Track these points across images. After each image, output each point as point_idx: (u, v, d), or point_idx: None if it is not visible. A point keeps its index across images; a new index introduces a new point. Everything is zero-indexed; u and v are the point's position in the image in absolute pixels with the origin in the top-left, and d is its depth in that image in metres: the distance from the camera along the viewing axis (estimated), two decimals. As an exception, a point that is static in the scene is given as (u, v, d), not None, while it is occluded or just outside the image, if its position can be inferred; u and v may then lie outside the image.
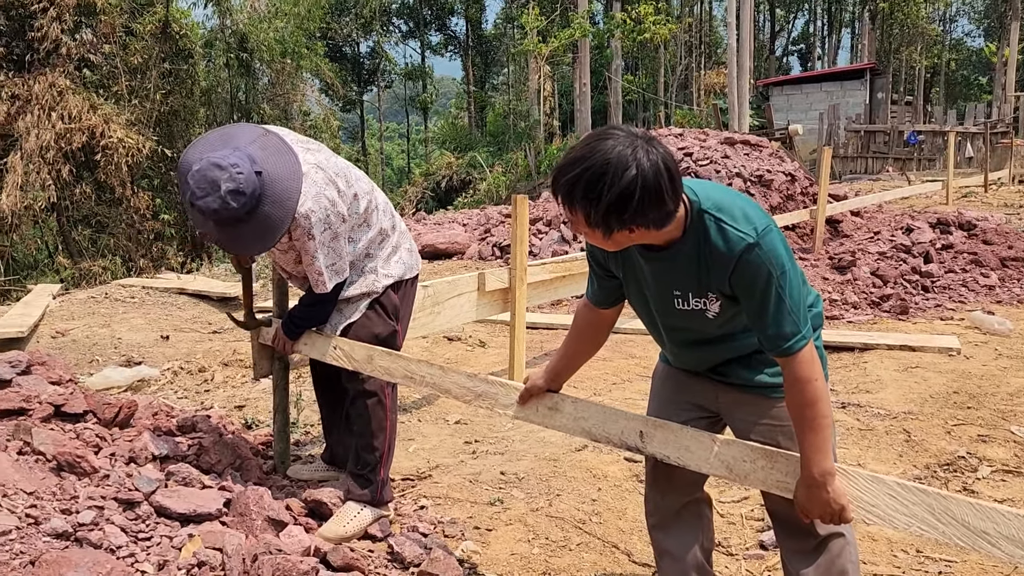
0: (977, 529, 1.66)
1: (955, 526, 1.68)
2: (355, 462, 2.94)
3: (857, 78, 25.41)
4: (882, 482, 1.78)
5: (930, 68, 45.96)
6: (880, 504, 1.77)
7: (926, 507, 1.71)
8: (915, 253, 7.31)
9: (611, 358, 5.26)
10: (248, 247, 2.65)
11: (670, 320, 1.98)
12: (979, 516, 1.66)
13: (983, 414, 4.06)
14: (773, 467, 1.88)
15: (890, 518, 1.76)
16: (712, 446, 1.97)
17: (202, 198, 2.47)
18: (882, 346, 5.22)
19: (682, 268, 1.83)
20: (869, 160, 21.14)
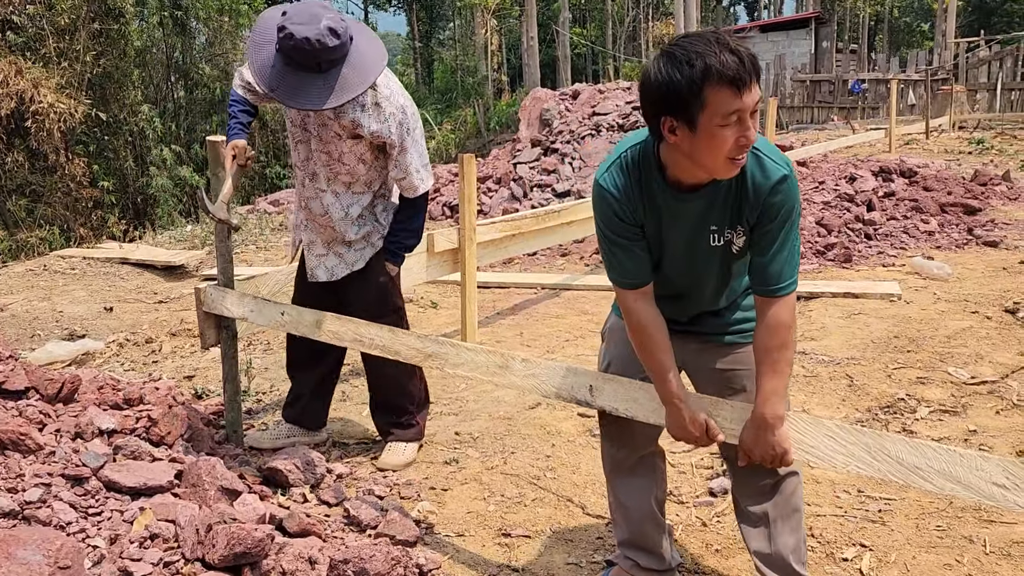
0: (911, 465, 1.73)
1: (890, 463, 1.75)
2: (395, 413, 3.17)
3: (802, 27, 25.53)
4: (821, 424, 1.85)
5: (874, 16, 46.41)
6: (820, 445, 1.84)
7: (863, 446, 1.78)
8: (858, 202, 7.45)
9: (564, 315, 5.30)
10: (311, 100, 2.60)
11: (691, 263, 1.93)
12: (912, 452, 1.73)
13: (922, 357, 4.19)
14: (718, 415, 1.92)
15: (829, 458, 1.83)
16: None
17: (298, 24, 2.52)
18: (827, 294, 5.34)
19: (721, 201, 1.82)
20: (815, 110, 21.39)
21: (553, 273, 6.47)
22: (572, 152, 8.33)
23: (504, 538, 2.63)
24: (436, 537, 2.63)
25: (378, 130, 2.81)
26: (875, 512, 2.74)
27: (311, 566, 2.19)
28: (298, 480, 2.84)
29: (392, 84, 2.85)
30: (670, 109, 1.67)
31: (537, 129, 9.16)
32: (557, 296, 5.75)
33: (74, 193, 13.49)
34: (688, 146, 1.69)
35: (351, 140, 2.86)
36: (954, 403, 3.67)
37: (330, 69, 2.60)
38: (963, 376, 3.94)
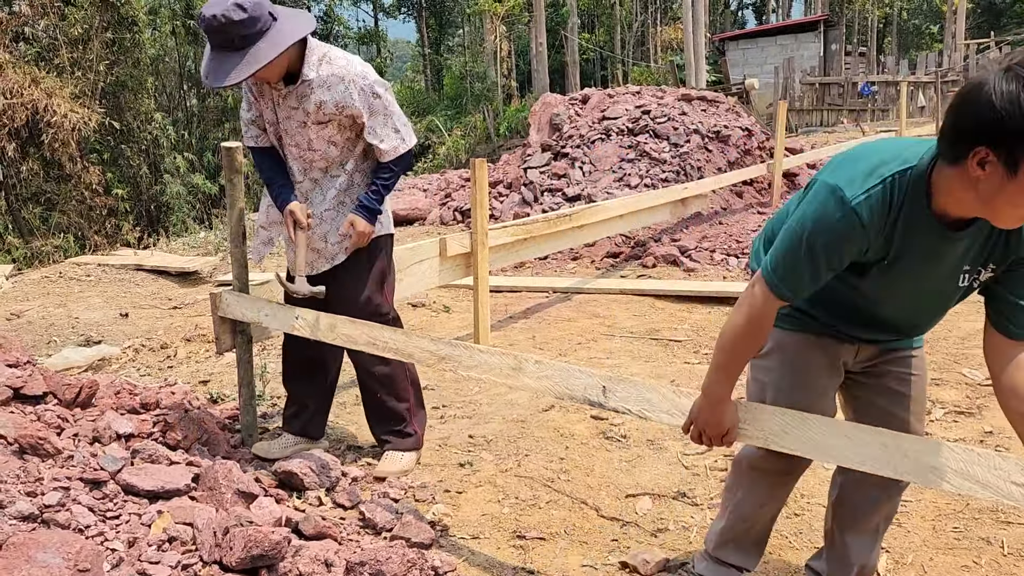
0: (927, 465, 1.71)
1: (905, 462, 1.74)
2: (391, 420, 3.15)
3: (811, 30, 25.51)
4: (837, 425, 1.84)
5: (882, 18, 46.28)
6: (836, 446, 1.83)
7: (880, 445, 1.77)
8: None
9: (576, 318, 5.30)
10: (221, 76, 2.69)
11: (926, 300, 1.76)
12: (929, 452, 1.71)
13: (936, 358, 4.18)
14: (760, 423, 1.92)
15: (846, 457, 1.82)
16: (674, 397, 2.02)
17: (209, 6, 2.64)
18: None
19: (983, 240, 1.62)
20: (824, 112, 21.33)
21: (564, 277, 6.48)
22: (582, 156, 8.34)
23: (519, 540, 2.63)
24: (451, 539, 2.63)
25: (341, 101, 2.84)
26: (891, 513, 2.73)
27: (327, 568, 2.20)
28: (313, 483, 2.85)
29: (350, 57, 2.93)
30: (993, 141, 1.39)
31: (547, 134, 9.18)
32: (568, 300, 5.76)
33: (88, 201, 13.60)
34: (993, 188, 1.43)
35: (316, 126, 2.90)
36: (969, 404, 3.65)
37: (246, 46, 2.67)
38: (978, 377, 3.92)
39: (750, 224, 7.19)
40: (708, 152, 8.41)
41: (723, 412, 1.85)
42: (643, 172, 7.96)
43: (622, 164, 8.14)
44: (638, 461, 3.18)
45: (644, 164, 8.06)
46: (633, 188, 7.62)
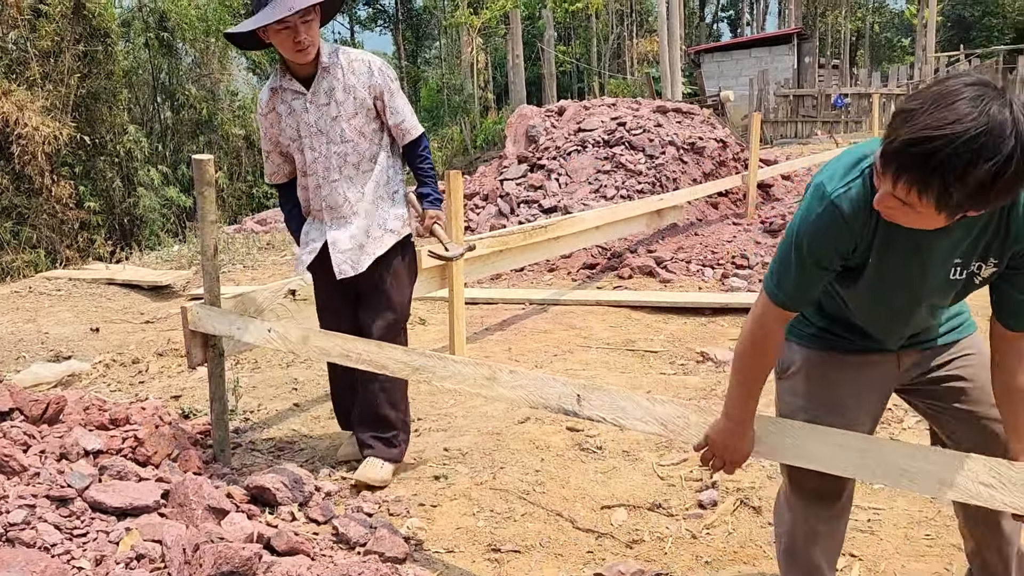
0: (901, 468, 1.73)
1: (885, 468, 1.75)
2: (381, 426, 3.16)
3: (785, 43, 25.80)
4: (815, 429, 1.84)
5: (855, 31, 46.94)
6: (814, 451, 1.83)
7: (860, 452, 1.78)
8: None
9: (552, 330, 5.30)
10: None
11: (927, 293, 1.70)
12: (908, 457, 1.72)
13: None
14: (705, 422, 1.92)
15: (821, 462, 1.83)
16: (648, 405, 2.02)
17: None
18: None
19: (974, 235, 1.59)
20: (799, 124, 21.56)
21: (540, 288, 6.49)
22: (558, 168, 8.37)
23: (494, 554, 2.62)
24: (425, 554, 2.61)
25: (368, 82, 3.01)
26: (864, 522, 2.75)
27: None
28: (286, 498, 2.82)
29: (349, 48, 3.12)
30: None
31: (523, 146, 9.21)
32: (545, 311, 5.76)
33: (60, 215, 13.44)
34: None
35: (347, 117, 2.99)
36: (940, 412, 3.68)
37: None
38: (949, 385, 3.96)
39: (725, 235, 7.24)
40: (683, 163, 8.47)
41: (744, 435, 1.80)
42: (619, 183, 7.99)
43: (598, 175, 8.18)
44: (613, 472, 3.18)
45: (620, 175, 8.10)
46: (609, 199, 7.65)
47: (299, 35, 2.80)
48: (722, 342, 4.88)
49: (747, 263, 6.42)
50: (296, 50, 2.83)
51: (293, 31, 2.79)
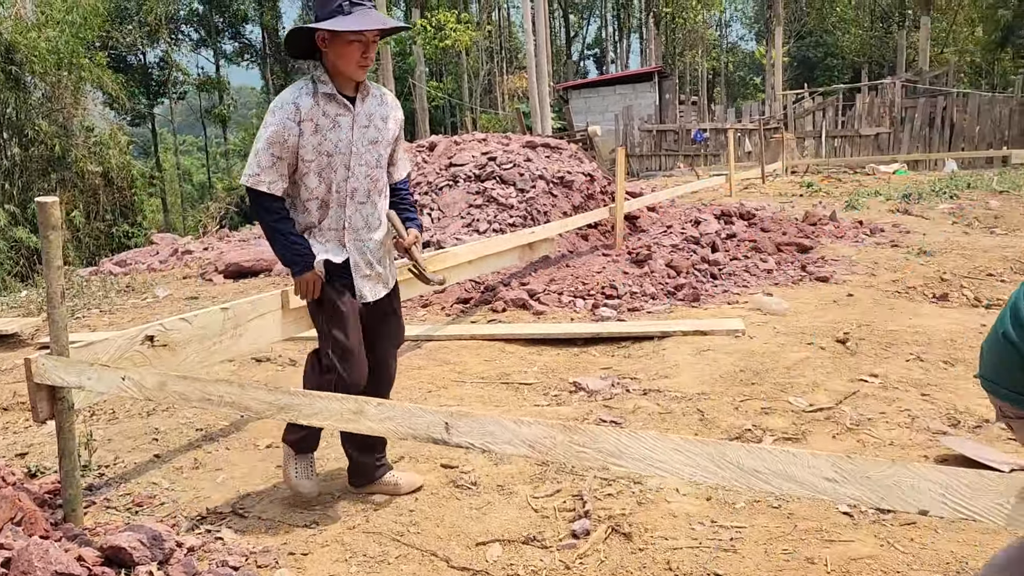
0: (750, 468, 1.82)
1: (732, 469, 1.84)
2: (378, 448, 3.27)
3: (647, 80, 26.95)
4: (668, 439, 1.93)
5: (711, 70, 49.59)
6: (668, 460, 1.91)
7: (707, 456, 1.86)
8: (703, 244, 7.86)
9: (425, 366, 5.28)
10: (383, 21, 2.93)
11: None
12: (751, 457, 1.82)
13: (765, 388, 4.44)
14: (572, 440, 1.97)
15: (678, 471, 1.90)
16: (515, 428, 2.05)
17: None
18: (678, 333, 5.58)
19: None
20: (662, 158, 22.50)
21: (414, 324, 6.45)
22: (430, 203, 8.39)
23: (367, 599, 2.56)
24: (295, 605, 2.53)
25: (399, 117, 3.20)
26: (727, 541, 2.86)
27: (157, 649, 2.06)
28: (144, 557, 2.67)
29: None
30: None
31: (395, 181, 9.19)
32: (418, 348, 5.73)
33: None
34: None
35: (385, 145, 3.12)
36: (795, 431, 3.89)
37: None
38: (802, 404, 4.20)
39: (595, 266, 7.44)
40: (553, 197, 8.67)
41: None
42: (491, 217, 8.09)
43: (470, 210, 8.25)
44: (488, 508, 3.18)
45: (492, 210, 8.20)
46: (482, 233, 7.73)
47: (369, 51, 2.89)
48: (594, 371, 5.00)
49: (616, 293, 6.61)
50: (360, 66, 2.91)
51: (365, 46, 2.88)
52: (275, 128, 2.91)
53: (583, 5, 51.91)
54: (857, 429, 3.87)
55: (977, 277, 7.07)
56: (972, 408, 4.05)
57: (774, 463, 1.80)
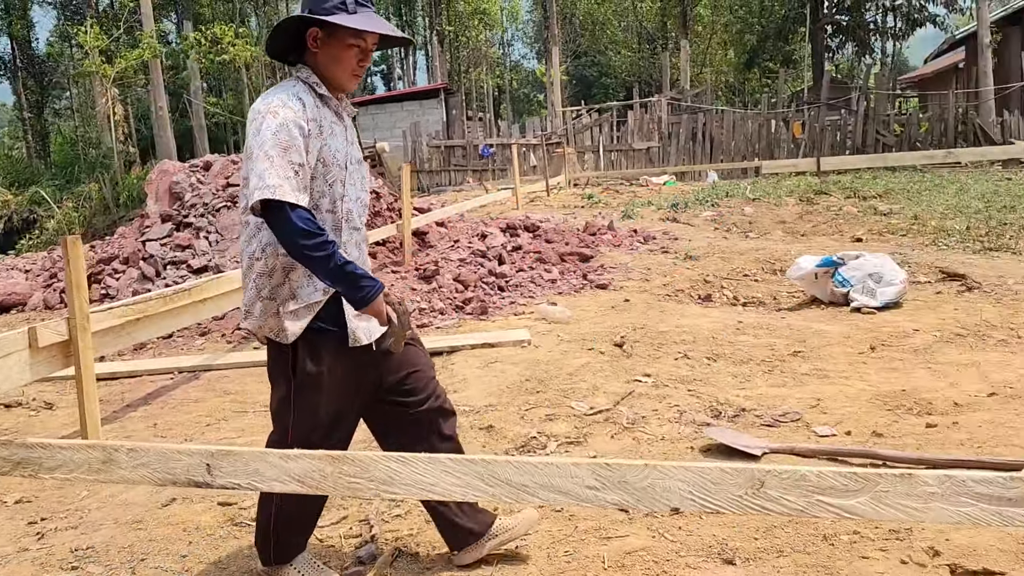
0: (519, 484, 1.86)
1: (502, 485, 1.87)
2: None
3: (434, 97, 27.27)
4: (437, 460, 1.92)
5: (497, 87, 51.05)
6: (439, 482, 1.90)
7: (476, 474, 1.87)
8: (491, 257, 8.03)
9: (204, 398, 4.98)
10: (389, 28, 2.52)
11: None
12: (518, 472, 1.86)
13: (549, 395, 4.59)
14: (340, 471, 1.91)
15: (449, 492, 1.90)
16: (281, 463, 1.96)
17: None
18: (466, 346, 5.65)
19: None
20: (452, 173, 22.82)
21: (192, 355, 6.08)
22: (207, 226, 7.97)
23: (131, 660, 2.35)
24: None
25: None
26: (512, 548, 2.90)
27: None
28: None
29: None
30: None
31: (168, 203, 8.64)
32: (196, 379, 5.40)
33: None
34: None
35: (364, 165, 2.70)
36: (577, 434, 4.04)
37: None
38: (583, 408, 4.37)
39: (383, 282, 7.36)
40: (338, 216, 8.51)
41: None
42: (274, 239, 7.80)
43: (251, 231, 7.91)
44: (269, 543, 3.03)
45: (274, 230, 7.91)
46: (264, 255, 7.43)
47: (366, 59, 2.50)
48: (383, 391, 4.93)
49: (405, 310, 6.58)
50: (355, 74, 2.49)
51: (363, 53, 2.48)
52: (284, 128, 2.33)
53: (367, 21, 51.59)
54: (633, 428, 4.09)
55: (735, 278, 7.74)
56: (731, 399, 4.41)
57: (540, 476, 1.84)
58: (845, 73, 35.46)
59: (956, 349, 5.13)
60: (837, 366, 4.94)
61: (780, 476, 1.76)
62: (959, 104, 20.82)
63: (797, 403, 4.33)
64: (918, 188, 13.34)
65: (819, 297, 6.73)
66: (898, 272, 6.48)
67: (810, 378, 4.75)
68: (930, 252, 8.54)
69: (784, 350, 5.27)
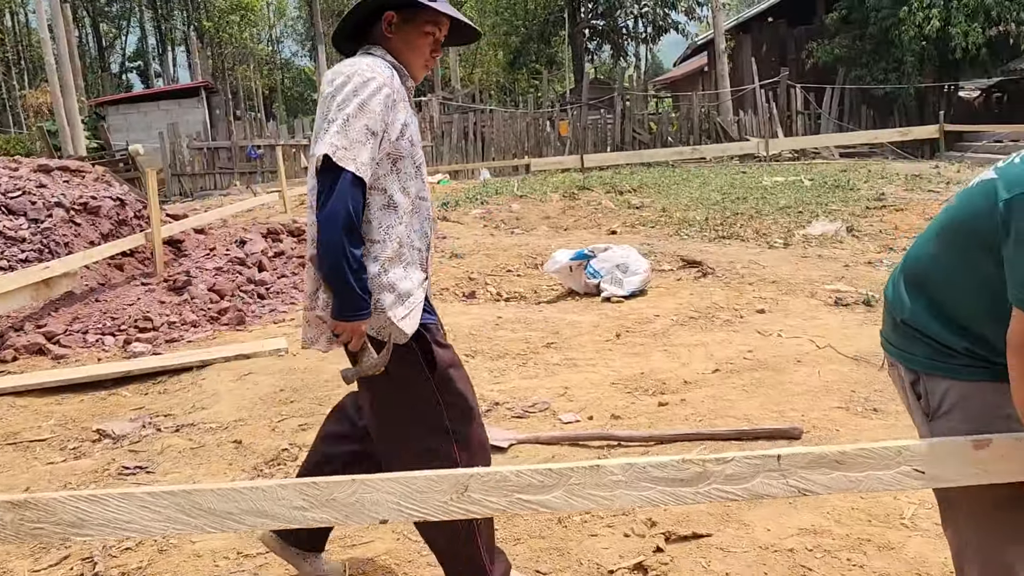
0: (223, 512, 1.77)
1: (205, 516, 1.77)
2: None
3: (194, 96, 25.73)
4: (133, 496, 1.78)
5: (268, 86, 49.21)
6: (136, 519, 1.77)
7: (176, 507, 1.76)
8: (249, 264, 7.71)
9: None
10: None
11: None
12: (222, 500, 1.77)
13: (303, 405, 4.47)
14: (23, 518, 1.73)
15: (148, 528, 1.77)
16: None
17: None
18: (219, 360, 5.37)
19: None
20: (217, 176, 21.68)
21: None
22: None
23: None
24: None
25: None
26: (252, 570, 2.80)
27: None
28: None
29: None
30: None
31: None
32: None
33: None
34: None
35: None
36: (331, 442, 3.97)
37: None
38: (338, 415, 4.30)
39: (129, 298, 6.84)
40: (76, 226, 7.80)
41: None
42: (-2, 254, 7.01)
43: (-31, 247, 7.05)
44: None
45: (-1, 245, 7.11)
46: (-15, 273, 6.65)
47: (438, 52, 2.36)
48: (123, 413, 4.59)
49: (152, 325, 6.16)
50: (426, 64, 2.35)
51: (436, 44, 2.34)
52: (369, 91, 2.13)
53: (116, 13, 47.81)
54: (388, 430, 4.07)
55: (498, 274, 7.97)
56: (485, 394, 4.51)
57: (245, 502, 1.77)
58: (606, 74, 37.66)
59: (688, 331, 5.59)
60: (586, 354, 5.21)
61: (482, 479, 1.82)
62: (702, 104, 22.76)
63: (547, 393, 4.51)
64: (668, 182, 14.42)
65: (575, 289, 7.07)
66: (642, 262, 6.96)
67: (560, 368, 4.98)
68: (674, 242, 9.25)
69: (539, 342, 5.49)
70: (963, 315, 1.73)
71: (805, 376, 4.48)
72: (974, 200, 1.66)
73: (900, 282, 1.86)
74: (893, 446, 1.77)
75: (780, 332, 5.37)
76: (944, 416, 1.77)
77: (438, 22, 2.31)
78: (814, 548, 2.71)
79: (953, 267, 1.72)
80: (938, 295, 1.76)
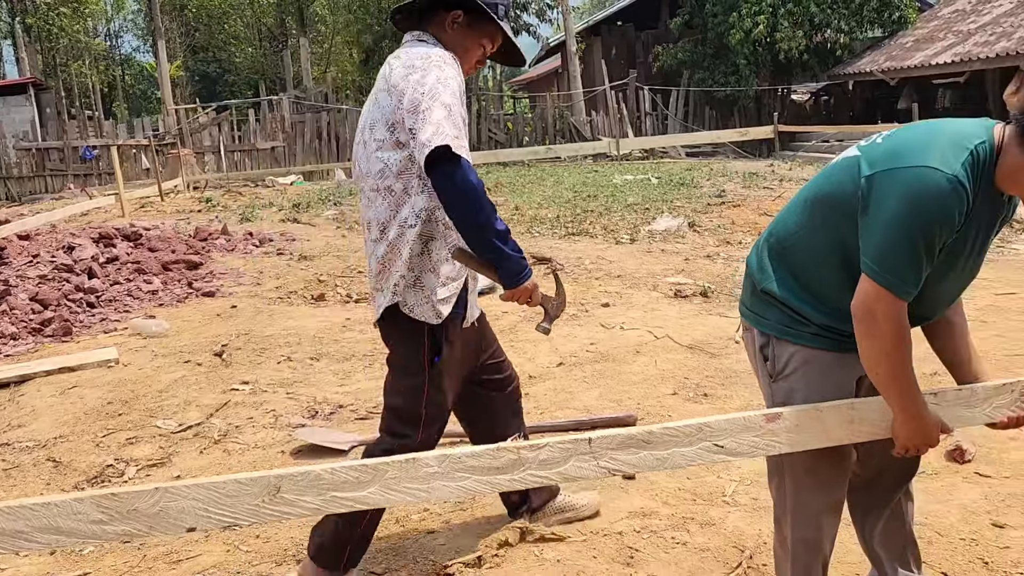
0: (12, 531, 1.64)
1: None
2: None
3: (21, 93, 23.83)
4: None
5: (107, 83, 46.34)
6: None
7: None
8: (78, 271, 7.23)
9: None
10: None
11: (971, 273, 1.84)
12: (10, 518, 1.64)
13: (133, 417, 4.23)
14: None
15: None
16: None
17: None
18: (40, 374, 5.00)
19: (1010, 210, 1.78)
20: (48, 178, 20.22)
21: None
22: None
23: None
24: None
25: None
26: (65, 595, 2.62)
27: None
28: None
29: None
30: None
31: None
32: None
33: None
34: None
35: None
36: (162, 455, 3.78)
37: None
38: (171, 426, 4.10)
39: None
40: None
41: (930, 422, 1.79)
42: None
43: None
44: None
45: None
46: None
47: (482, 63, 2.46)
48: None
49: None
50: (470, 69, 2.41)
51: (483, 57, 2.45)
52: (456, 80, 2.23)
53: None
54: (224, 439, 3.92)
55: (349, 276, 7.83)
56: (330, 397, 4.43)
57: (38, 519, 1.65)
58: (462, 75, 37.66)
59: (533, 327, 5.68)
60: (434, 353, 5.20)
61: (295, 479, 1.77)
62: (556, 105, 23.23)
63: (393, 393, 4.47)
64: (523, 181, 14.62)
65: (426, 288, 7.03)
66: (492, 260, 7.01)
67: (408, 367, 4.94)
68: (525, 239, 9.38)
69: (386, 342, 5.43)
70: (823, 286, 1.84)
71: (643, 366, 4.65)
72: (838, 175, 1.81)
73: (764, 252, 1.96)
74: (694, 423, 1.87)
75: (622, 325, 5.54)
76: (785, 378, 1.92)
77: (495, 39, 2.45)
78: (641, 529, 2.81)
79: (816, 239, 1.86)
80: (799, 266, 1.89)
